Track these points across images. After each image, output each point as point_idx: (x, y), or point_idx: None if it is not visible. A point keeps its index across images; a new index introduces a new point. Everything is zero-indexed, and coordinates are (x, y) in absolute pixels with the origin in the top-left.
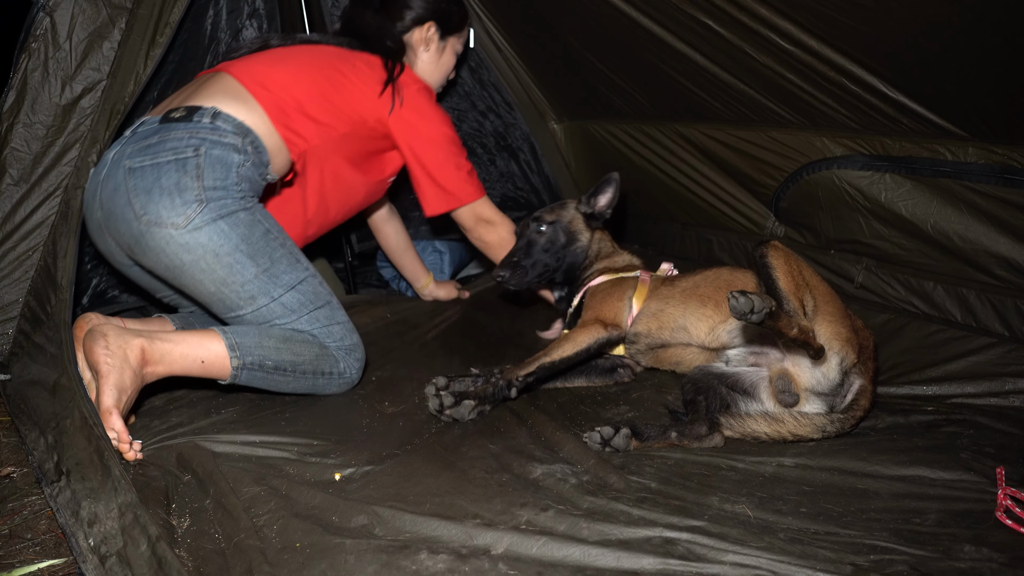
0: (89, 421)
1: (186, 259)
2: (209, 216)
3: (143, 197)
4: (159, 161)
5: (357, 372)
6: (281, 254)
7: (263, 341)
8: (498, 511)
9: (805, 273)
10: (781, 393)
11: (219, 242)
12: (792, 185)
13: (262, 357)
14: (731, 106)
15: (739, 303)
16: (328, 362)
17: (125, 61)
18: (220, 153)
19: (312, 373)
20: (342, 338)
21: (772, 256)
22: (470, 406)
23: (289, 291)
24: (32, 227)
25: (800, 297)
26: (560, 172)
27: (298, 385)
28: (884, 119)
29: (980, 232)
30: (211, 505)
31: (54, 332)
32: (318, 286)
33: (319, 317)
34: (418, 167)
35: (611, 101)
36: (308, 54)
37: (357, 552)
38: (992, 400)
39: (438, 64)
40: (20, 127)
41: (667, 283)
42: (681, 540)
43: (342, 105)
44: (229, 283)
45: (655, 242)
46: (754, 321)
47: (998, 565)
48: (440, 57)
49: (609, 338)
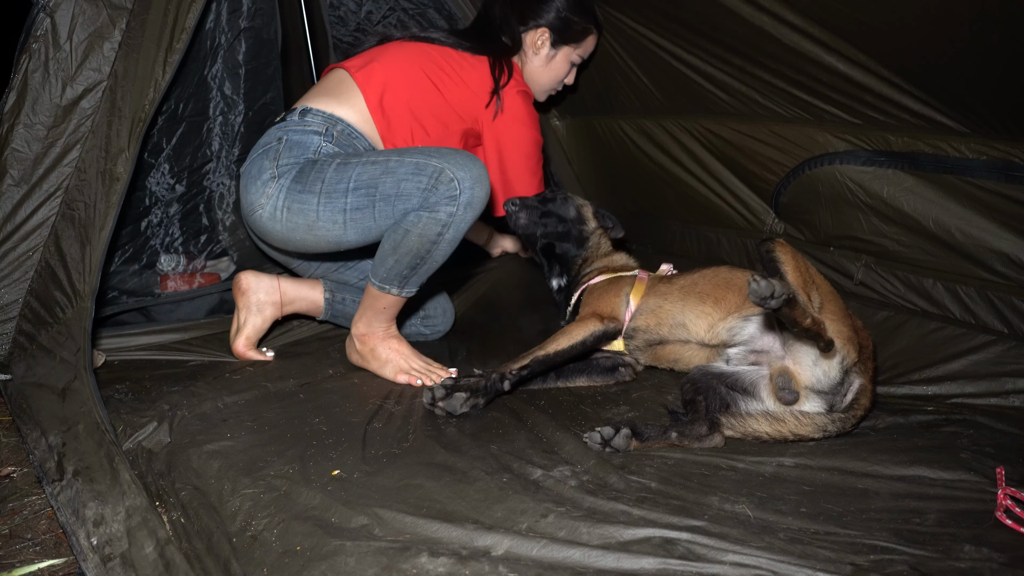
0: (101, 427)
1: (279, 229)
2: (282, 184)
3: (243, 194)
4: (253, 157)
5: (462, 191)
6: (332, 167)
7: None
8: (498, 512)
9: (811, 269)
10: (781, 391)
11: (285, 197)
12: (793, 180)
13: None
14: (733, 101)
15: (760, 287)
16: (427, 223)
17: (141, 68)
18: (299, 138)
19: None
20: (420, 190)
21: (779, 251)
22: (462, 399)
23: (349, 195)
24: (32, 228)
25: (807, 292)
26: (562, 168)
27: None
28: (887, 115)
29: (981, 228)
30: (208, 505)
31: (67, 338)
32: (373, 171)
33: (382, 198)
34: (497, 166)
35: (613, 97)
36: (417, 52)
37: (358, 555)
38: (992, 400)
39: (546, 69)
40: (21, 128)
41: (665, 281)
42: (681, 540)
43: (444, 105)
44: (314, 227)
45: (655, 239)
46: (773, 307)
47: (998, 565)
48: (548, 63)
49: (605, 331)
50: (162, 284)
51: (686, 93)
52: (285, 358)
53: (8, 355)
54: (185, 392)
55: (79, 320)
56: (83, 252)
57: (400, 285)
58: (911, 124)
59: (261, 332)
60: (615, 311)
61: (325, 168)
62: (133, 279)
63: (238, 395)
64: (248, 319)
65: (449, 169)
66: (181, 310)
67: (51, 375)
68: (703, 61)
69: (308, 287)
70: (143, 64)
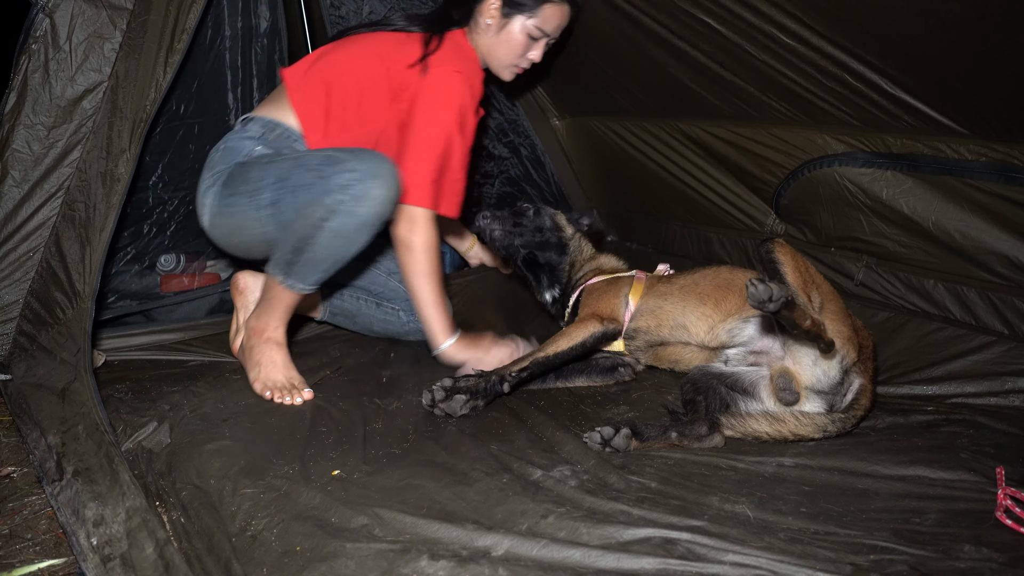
0: (101, 428)
1: (218, 235)
2: (215, 191)
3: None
4: (202, 176)
5: (356, 182)
6: (257, 168)
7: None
8: (499, 513)
9: (811, 269)
10: (782, 391)
11: (217, 202)
12: (793, 182)
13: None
14: (732, 103)
15: (758, 290)
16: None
17: (142, 69)
18: (234, 144)
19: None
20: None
21: (779, 252)
22: (461, 400)
23: (267, 191)
24: (33, 228)
25: (807, 292)
26: (562, 168)
27: (322, 247)
28: (886, 116)
29: (981, 229)
30: (209, 505)
31: (67, 339)
32: (288, 165)
33: (288, 189)
34: (402, 138)
35: (613, 98)
36: (363, 43)
37: (358, 557)
38: (992, 400)
39: (498, 40)
40: (21, 128)
41: (664, 281)
42: (681, 540)
43: (383, 91)
44: (242, 227)
45: (656, 239)
46: (771, 310)
47: (998, 565)
48: (500, 34)
49: (605, 332)
50: (163, 284)
51: (685, 96)
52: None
53: (8, 355)
54: (185, 392)
55: (79, 321)
56: (83, 253)
57: (284, 272)
58: (910, 126)
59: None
60: (615, 312)
61: (250, 169)
62: (134, 280)
63: (238, 395)
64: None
65: (352, 162)
66: (181, 310)
67: (51, 375)
68: (702, 63)
69: None
70: (144, 65)
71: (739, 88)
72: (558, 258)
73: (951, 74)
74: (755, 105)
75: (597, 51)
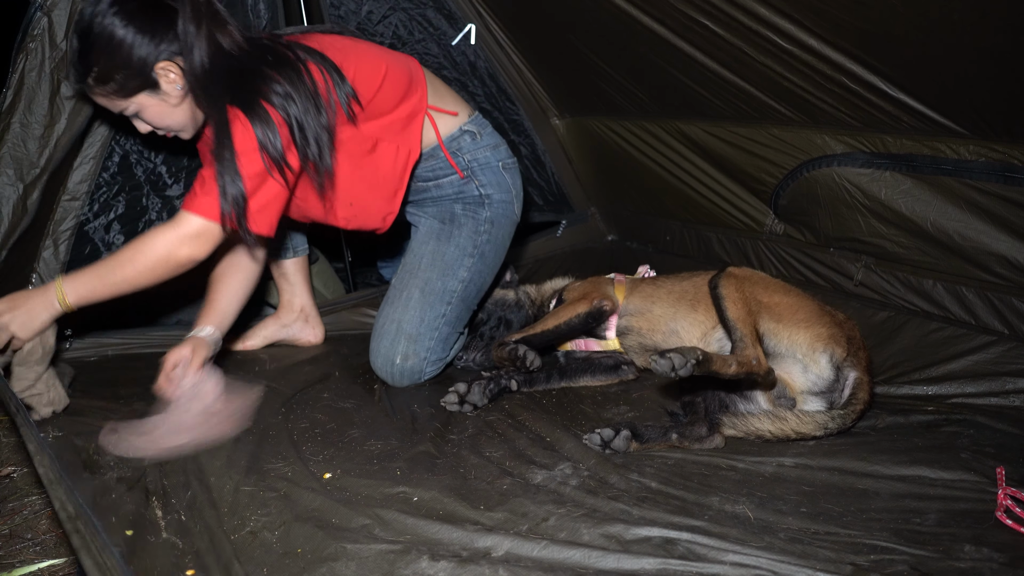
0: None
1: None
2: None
3: None
4: None
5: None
6: None
7: None
8: (499, 513)
9: (761, 295)
10: (778, 399)
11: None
12: (792, 182)
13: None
14: (731, 103)
15: (661, 365)
16: None
17: None
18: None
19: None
20: None
21: (723, 287)
22: (481, 387)
23: None
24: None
25: (753, 322)
26: (562, 168)
27: None
28: (885, 117)
29: (980, 230)
30: (210, 504)
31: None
32: None
33: None
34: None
35: (612, 98)
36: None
37: (359, 559)
38: (992, 400)
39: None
40: (17, 127)
41: (648, 282)
42: (681, 540)
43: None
44: None
45: (655, 239)
46: (683, 375)
47: (998, 565)
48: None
49: (601, 307)
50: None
51: (685, 96)
52: (285, 359)
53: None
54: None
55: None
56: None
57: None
58: (909, 126)
59: (259, 330)
60: (604, 292)
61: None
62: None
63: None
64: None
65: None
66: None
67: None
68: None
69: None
70: None
71: (739, 88)
72: (518, 313)
73: (951, 74)
74: (755, 105)
75: (597, 51)
